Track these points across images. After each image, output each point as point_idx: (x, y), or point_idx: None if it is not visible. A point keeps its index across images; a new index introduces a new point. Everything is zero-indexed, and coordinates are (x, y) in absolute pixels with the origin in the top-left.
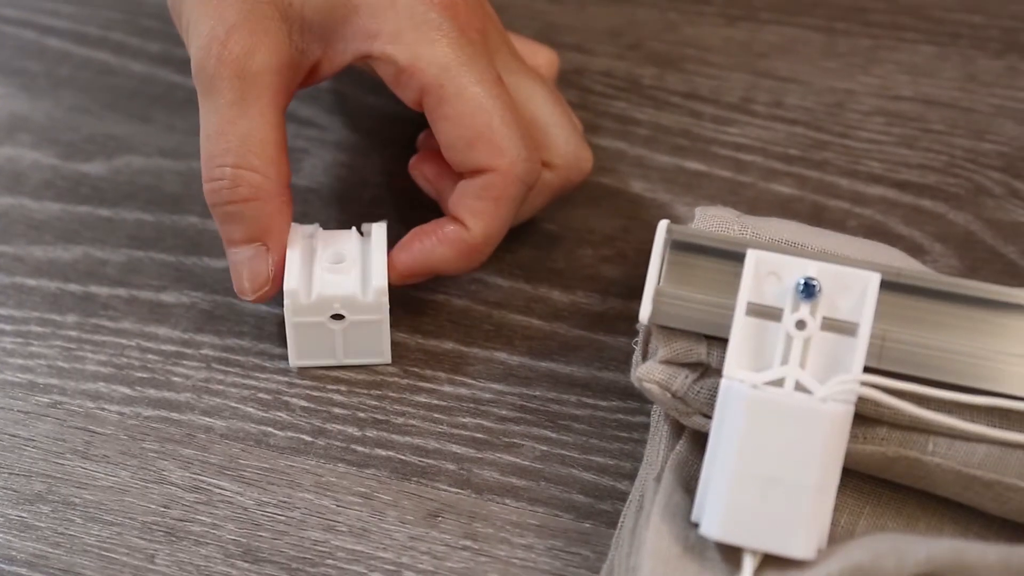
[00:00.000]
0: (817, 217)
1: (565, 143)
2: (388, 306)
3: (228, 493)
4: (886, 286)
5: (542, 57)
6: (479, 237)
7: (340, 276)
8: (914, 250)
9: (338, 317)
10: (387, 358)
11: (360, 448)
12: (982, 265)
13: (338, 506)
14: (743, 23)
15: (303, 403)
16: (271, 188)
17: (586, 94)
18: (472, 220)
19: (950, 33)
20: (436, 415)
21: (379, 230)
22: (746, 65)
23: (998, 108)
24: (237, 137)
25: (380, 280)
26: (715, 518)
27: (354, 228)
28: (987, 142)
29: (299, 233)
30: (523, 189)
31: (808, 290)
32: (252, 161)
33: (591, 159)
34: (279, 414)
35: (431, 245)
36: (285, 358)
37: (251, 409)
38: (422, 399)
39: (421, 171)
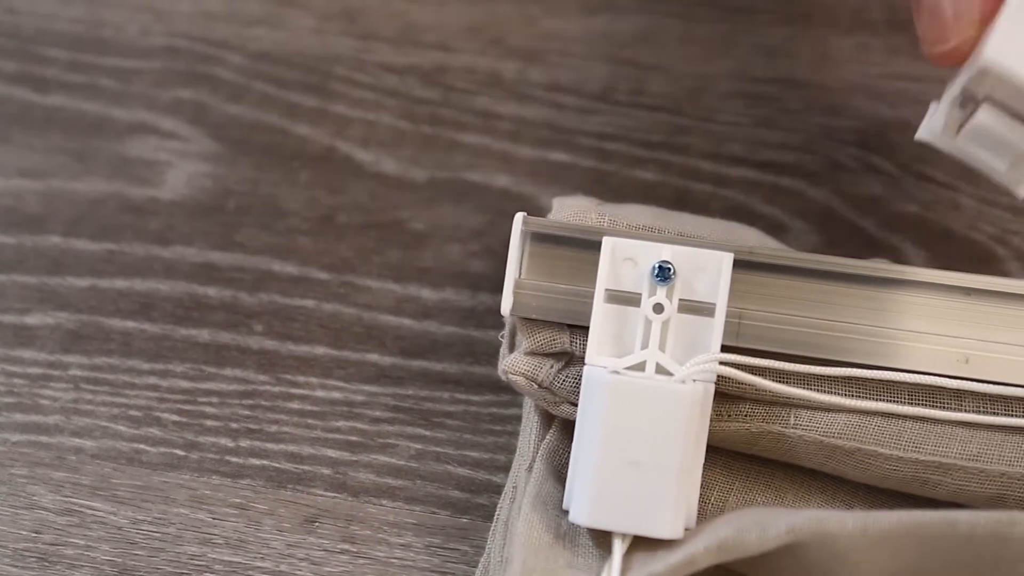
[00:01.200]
0: (681, 201)
1: None
2: None
3: (101, 513)
4: (740, 265)
5: None
6: None
7: None
8: (776, 227)
9: None
10: None
11: (234, 459)
12: (841, 239)
13: (214, 519)
14: (602, 13)
15: (175, 417)
16: None
17: (448, 91)
18: None
19: (802, 14)
20: (310, 421)
21: None
22: (607, 55)
23: (851, 85)
24: None
25: None
26: (583, 505)
27: None
28: (842, 118)
29: None
30: None
31: (663, 273)
32: None
33: None
34: (151, 430)
35: None
36: (156, 373)
37: (122, 427)
38: (295, 406)
39: None
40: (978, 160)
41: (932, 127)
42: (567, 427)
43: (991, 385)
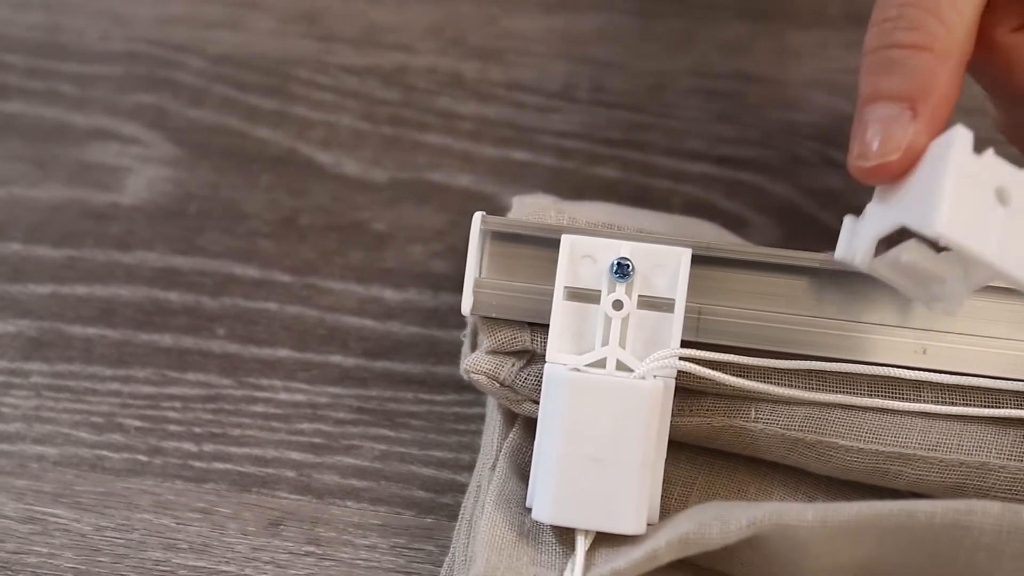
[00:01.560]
0: (642, 198)
1: None
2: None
3: (64, 521)
4: (698, 260)
5: None
6: None
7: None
8: (736, 222)
9: None
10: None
11: (197, 463)
12: (801, 232)
13: (178, 524)
14: (561, 12)
15: (137, 423)
16: (950, 47)
17: (410, 92)
18: None
19: (761, 9)
20: (273, 423)
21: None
22: (566, 53)
23: (810, 80)
24: None
25: None
26: (545, 502)
27: None
28: (801, 113)
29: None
30: None
31: (622, 270)
32: (941, 7)
33: None
34: (113, 436)
35: None
36: (118, 379)
37: (84, 434)
38: (259, 409)
39: None
40: (893, 282)
41: (857, 256)
42: (530, 425)
43: (949, 375)
